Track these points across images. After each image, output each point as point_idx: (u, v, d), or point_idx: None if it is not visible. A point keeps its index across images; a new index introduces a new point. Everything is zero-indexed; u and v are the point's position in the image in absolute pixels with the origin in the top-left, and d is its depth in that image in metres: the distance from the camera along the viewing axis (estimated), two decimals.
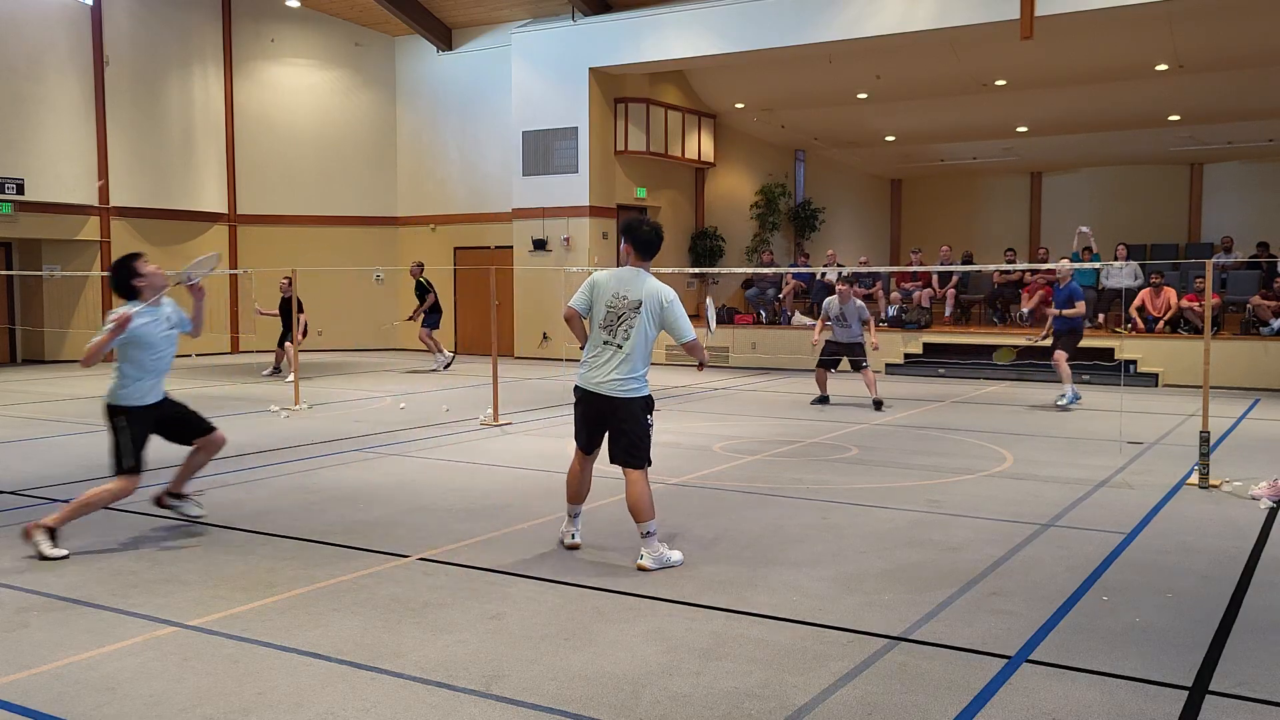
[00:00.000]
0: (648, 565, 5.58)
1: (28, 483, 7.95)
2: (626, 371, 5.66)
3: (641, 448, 5.69)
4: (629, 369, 5.66)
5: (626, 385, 5.66)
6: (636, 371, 5.70)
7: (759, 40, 17.21)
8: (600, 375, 5.69)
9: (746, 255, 22.46)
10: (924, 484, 7.98)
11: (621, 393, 5.65)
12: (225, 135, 21.01)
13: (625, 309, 5.68)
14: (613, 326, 5.69)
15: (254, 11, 21.17)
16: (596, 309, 5.76)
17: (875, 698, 3.92)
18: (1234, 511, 6.99)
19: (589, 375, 5.74)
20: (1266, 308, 15.11)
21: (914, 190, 29.32)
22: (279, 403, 12.61)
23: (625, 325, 5.67)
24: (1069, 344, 12.64)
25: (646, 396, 5.74)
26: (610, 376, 5.66)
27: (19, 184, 17.77)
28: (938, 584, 5.34)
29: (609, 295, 5.73)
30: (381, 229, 22.22)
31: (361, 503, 7.28)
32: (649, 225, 5.84)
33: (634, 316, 5.67)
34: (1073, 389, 12.58)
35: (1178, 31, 16.10)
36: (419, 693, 3.98)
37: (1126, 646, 4.45)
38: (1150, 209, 25.07)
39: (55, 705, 3.87)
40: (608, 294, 5.74)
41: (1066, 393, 12.54)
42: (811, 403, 12.87)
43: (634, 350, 5.67)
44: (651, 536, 5.64)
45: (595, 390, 5.70)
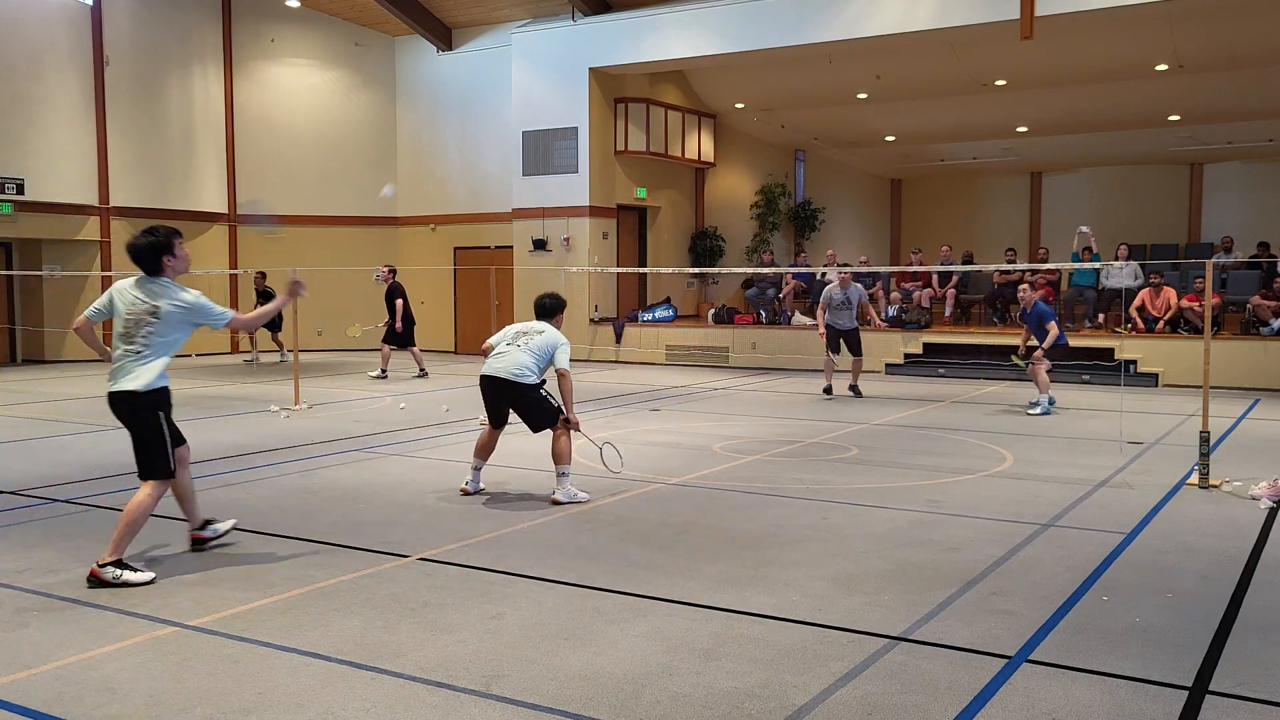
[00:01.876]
0: (560, 499, 7.24)
1: (28, 483, 7.95)
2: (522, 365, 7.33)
3: (546, 415, 7.38)
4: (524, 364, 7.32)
5: (522, 376, 7.30)
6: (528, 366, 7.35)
7: (759, 40, 17.22)
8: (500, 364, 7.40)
9: (746, 255, 22.47)
10: (924, 484, 7.98)
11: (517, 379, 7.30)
12: (225, 135, 21.02)
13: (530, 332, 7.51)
14: (515, 340, 7.49)
15: (254, 11, 21.17)
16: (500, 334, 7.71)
17: (875, 698, 3.92)
18: (1234, 511, 6.99)
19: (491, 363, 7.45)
20: (1266, 308, 15.11)
21: (914, 190, 29.33)
22: (279, 403, 12.61)
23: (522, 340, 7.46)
24: (1054, 354, 12.38)
25: (535, 384, 7.35)
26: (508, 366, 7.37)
27: (19, 184, 17.77)
28: (938, 584, 5.34)
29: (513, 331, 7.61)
30: (381, 229, 22.22)
31: (361, 503, 7.28)
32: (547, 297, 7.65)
33: (529, 338, 7.44)
34: (1048, 398, 12.18)
35: (1178, 31, 16.10)
36: (419, 693, 3.98)
37: (1126, 646, 4.45)
38: (1150, 209, 25.08)
39: (55, 705, 3.87)
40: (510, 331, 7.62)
41: (1041, 401, 12.10)
42: (823, 391, 13.50)
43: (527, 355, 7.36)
44: (565, 477, 7.30)
45: (494, 374, 7.38)
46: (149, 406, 5.57)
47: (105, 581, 5.29)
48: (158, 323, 5.57)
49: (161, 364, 5.60)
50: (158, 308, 5.57)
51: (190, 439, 9.73)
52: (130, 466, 8.55)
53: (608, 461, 8.31)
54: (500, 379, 7.28)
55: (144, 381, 5.51)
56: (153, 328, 5.56)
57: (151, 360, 5.56)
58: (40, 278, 18.70)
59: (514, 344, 7.37)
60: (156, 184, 19.88)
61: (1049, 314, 12.47)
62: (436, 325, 21.98)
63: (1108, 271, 16.84)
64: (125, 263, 18.88)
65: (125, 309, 5.61)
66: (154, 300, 5.58)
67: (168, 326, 5.59)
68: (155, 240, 5.63)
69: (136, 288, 5.65)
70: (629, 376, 16.32)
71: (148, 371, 5.53)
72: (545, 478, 8.13)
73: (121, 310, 5.62)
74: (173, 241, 5.70)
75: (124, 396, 5.54)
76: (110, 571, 5.32)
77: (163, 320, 5.58)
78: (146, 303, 5.58)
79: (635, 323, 19.41)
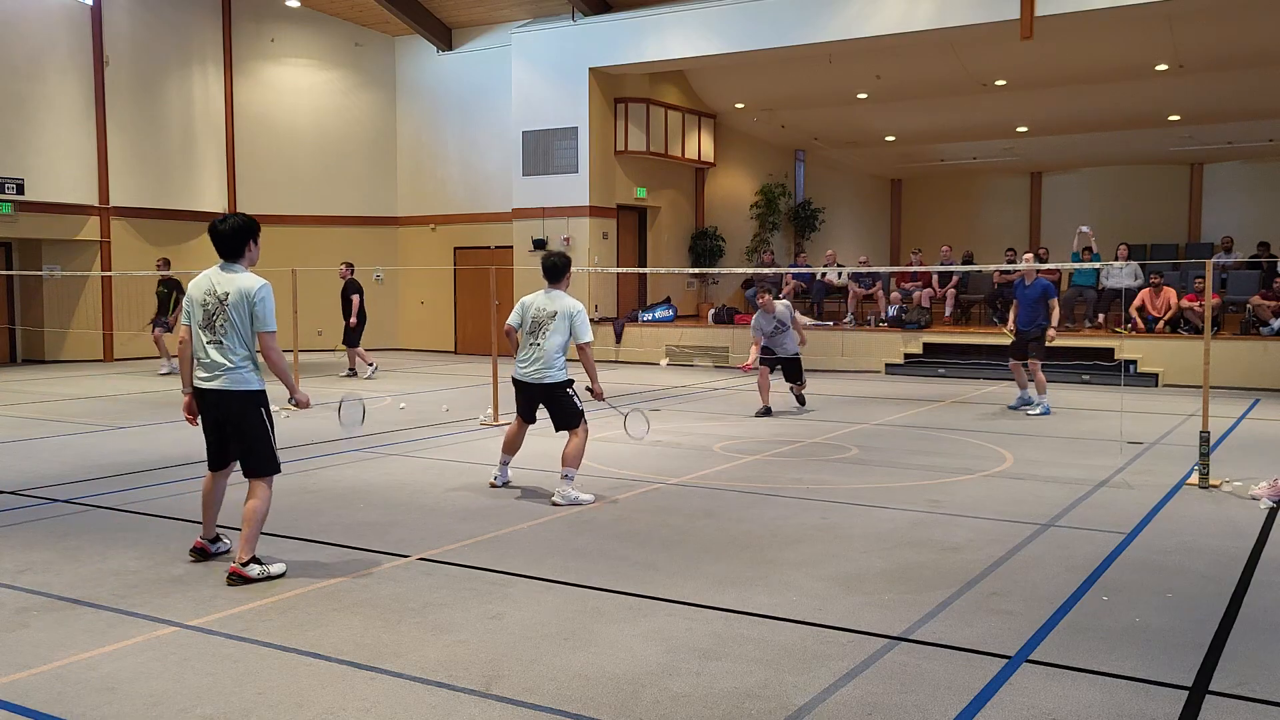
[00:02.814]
0: (558, 501, 7.17)
1: (28, 483, 7.95)
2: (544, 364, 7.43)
3: (571, 416, 7.43)
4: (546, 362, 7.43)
5: (550, 374, 7.42)
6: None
7: (759, 40, 17.21)
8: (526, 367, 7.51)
9: (746, 255, 22.47)
10: (924, 484, 7.98)
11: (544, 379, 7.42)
12: (225, 135, 21.01)
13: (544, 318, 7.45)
14: (535, 332, 7.45)
15: (254, 11, 21.17)
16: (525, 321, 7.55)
17: (875, 698, 3.92)
18: (1234, 511, 6.99)
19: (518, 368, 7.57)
20: (1266, 308, 15.11)
21: (914, 190, 29.34)
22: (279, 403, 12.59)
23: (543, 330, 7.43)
24: (1042, 349, 12.13)
25: (564, 380, 7.45)
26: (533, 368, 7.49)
27: (19, 184, 17.77)
28: (938, 584, 5.34)
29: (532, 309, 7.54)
30: (381, 229, 22.22)
31: (361, 503, 7.28)
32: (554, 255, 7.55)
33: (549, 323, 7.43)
34: (1045, 400, 12.09)
35: (1178, 31, 16.10)
36: (419, 693, 3.98)
37: (1126, 646, 4.45)
38: (1150, 209, 25.08)
39: (55, 705, 3.87)
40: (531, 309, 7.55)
41: (1042, 401, 12.02)
42: (759, 413, 11.69)
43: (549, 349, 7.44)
44: (569, 480, 7.24)
45: (524, 379, 7.51)
46: (263, 405, 5.66)
47: (251, 578, 5.33)
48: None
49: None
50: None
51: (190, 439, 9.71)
52: (130, 466, 8.58)
53: (631, 429, 8.33)
54: (528, 384, 7.46)
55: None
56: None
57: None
58: (40, 278, 18.70)
59: (535, 342, 7.40)
60: (156, 184, 19.88)
61: (1053, 290, 12.18)
62: (436, 325, 21.99)
63: (1108, 271, 16.84)
64: (125, 263, 18.94)
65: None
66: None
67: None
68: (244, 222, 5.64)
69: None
70: (629, 376, 16.32)
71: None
72: (545, 478, 8.13)
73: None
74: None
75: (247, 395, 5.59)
76: (254, 568, 5.38)
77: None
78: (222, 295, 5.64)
79: (635, 323, 19.41)
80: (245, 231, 5.57)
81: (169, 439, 10.07)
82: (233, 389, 5.49)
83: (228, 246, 5.57)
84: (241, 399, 5.52)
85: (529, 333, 7.43)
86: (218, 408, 5.56)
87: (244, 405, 5.54)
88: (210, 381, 5.50)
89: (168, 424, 11.07)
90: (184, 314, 5.63)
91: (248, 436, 5.56)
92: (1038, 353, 12.12)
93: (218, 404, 5.54)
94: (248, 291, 5.48)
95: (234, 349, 5.49)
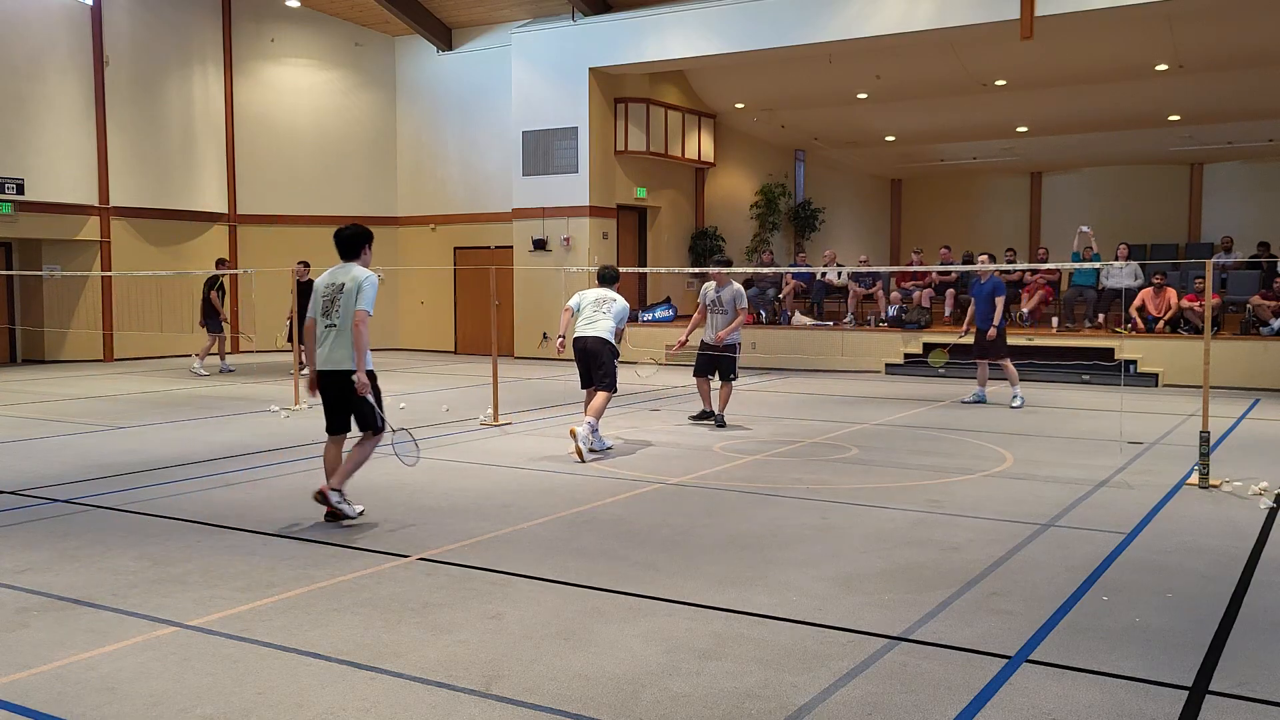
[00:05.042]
0: (580, 446, 8.74)
1: (28, 483, 7.95)
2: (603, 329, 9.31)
3: (610, 378, 9.26)
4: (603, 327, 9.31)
5: (608, 337, 9.31)
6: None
7: (759, 40, 17.21)
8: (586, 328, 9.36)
9: (746, 255, 22.46)
10: (924, 484, 7.98)
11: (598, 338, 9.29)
12: (225, 135, 21.01)
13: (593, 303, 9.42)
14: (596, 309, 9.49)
15: (254, 11, 21.17)
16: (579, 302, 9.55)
17: (875, 698, 3.92)
18: (1234, 511, 6.99)
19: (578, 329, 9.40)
20: (1266, 308, 15.11)
21: (914, 190, 29.34)
22: (279, 403, 12.61)
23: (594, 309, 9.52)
24: (1002, 346, 12.65)
25: (614, 348, 9.32)
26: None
27: (19, 184, 17.77)
28: (938, 584, 5.34)
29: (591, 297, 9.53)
30: (381, 229, 22.19)
31: (361, 503, 7.27)
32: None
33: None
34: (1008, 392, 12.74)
35: (1178, 31, 16.10)
36: (419, 693, 3.98)
37: (1126, 646, 4.45)
38: (1150, 209, 25.09)
39: (55, 705, 3.87)
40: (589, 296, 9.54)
41: (1019, 393, 12.69)
42: (691, 418, 11.30)
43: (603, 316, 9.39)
44: (595, 433, 9.01)
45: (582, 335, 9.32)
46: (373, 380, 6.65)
47: (330, 503, 6.47)
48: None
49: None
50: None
51: (190, 439, 9.74)
52: (130, 466, 8.58)
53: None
54: (593, 337, 9.19)
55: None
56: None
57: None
58: (40, 278, 18.70)
59: (598, 311, 9.29)
60: (156, 184, 19.88)
61: (1002, 287, 12.72)
62: (436, 325, 21.99)
63: (1108, 271, 16.84)
64: (125, 263, 18.93)
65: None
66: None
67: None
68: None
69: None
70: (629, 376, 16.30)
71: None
72: (546, 478, 8.15)
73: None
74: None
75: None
76: (335, 496, 6.50)
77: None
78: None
79: (635, 322, 19.41)
80: (361, 238, 6.79)
81: (169, 439, 10.07)
82: (348, 368, 6.53)
83: (347, 249, 6.75)
84: (353, 375, 6.53)
85: (593, 308, 9.36)
86: (335, 384, 6.63)
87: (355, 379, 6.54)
88: (328, 364, 6.61)
89: (168, 424, 11.07)
90: (310, 306, 6.75)
91: (359, 404, 6.61)
92: (996, 352, 12.61)
93: (335, 382, 6.62)
94: (358, 278, 6.60)
95: (347, 333, 6.54)
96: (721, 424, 10.89)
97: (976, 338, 12.79)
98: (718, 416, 10.96)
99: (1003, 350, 12.67)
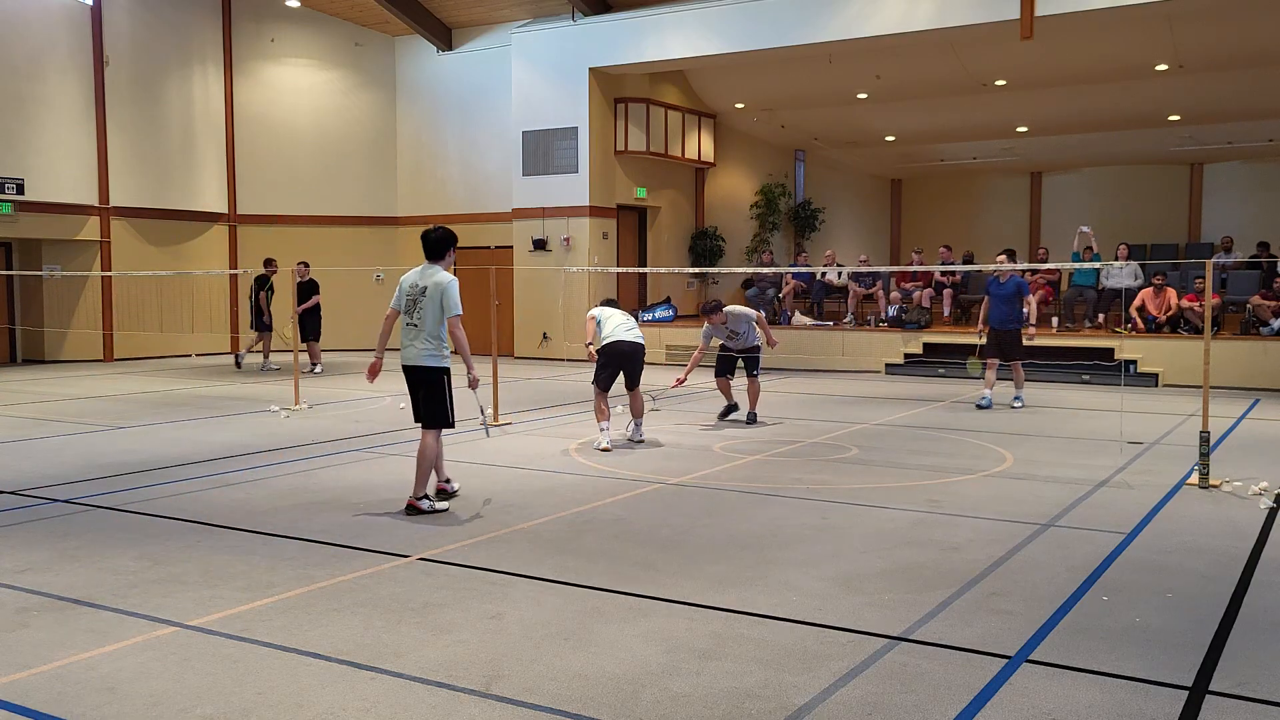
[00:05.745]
0: (633, 438, 9.81)
1: (28, 483, 7.95)
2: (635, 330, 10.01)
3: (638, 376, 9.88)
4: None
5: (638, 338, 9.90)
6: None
7: (759, 40, 17.21)
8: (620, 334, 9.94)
9: (746, 255, 22.46)
10: (924, 484, 7.98)
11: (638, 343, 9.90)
12: (225, 135, 21.01)
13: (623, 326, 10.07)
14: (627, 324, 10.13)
15: (254, 11, 21.17)
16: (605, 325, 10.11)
17: (875, 698, 3.92)
18: (1234, 511, 6.99)
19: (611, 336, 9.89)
20: (1266, 308, 15.11)
21: (914, 190, 29.34)
22: (279, 403, 12.61)
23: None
24: (1020, 348, 12.55)
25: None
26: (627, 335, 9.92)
27: (19, 184, 17.77)
28: (938, 584, 5.34)
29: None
30: (381, 229, 22.21)
31: (361, 503, 7.28)
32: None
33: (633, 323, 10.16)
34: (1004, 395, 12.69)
35: (1178, 31, 16.10)
36: (419, 693, 3.98)
37: (1126, 646, 4.45)
38: (1150, 209, 25.09)
39: (55, 705, 3.87)
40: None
41: (1021, 395, 12.72)
42: (720, 417, 11.50)
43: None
44: (640, 426, 9.91)
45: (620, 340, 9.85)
46: (446, 374, 7.10)
47: (422, 510, 6.84)
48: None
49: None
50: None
51: (190, 439, 9.75)
52: (130, 466, 8.59)
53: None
54: (632, 342, 9.78)
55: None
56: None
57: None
58: (40, 278, 18.70)
59: (631, 329, 9.94)
60: (156, 184, 19.87)
61: (1026, 287, 12.57)
62: None
63: (1108, 271, 16.84)
64: (125, 263, 18.94)
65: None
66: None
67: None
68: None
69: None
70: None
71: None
72: (546, 478, 8.16)
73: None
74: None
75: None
76: (425, 503, 6.86)
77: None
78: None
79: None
80: (447, 241, 7.18)
81: (169, 439, 10.07)
82: (425, 364, 6.98)
83: (433, 250, 7.13)
84: (430, 371, 6.99)
85: (627, 328, 9.95)
86: (415, 378, 7.04)
87: (431, 376, 6.99)
88: (409, 359, 7.03)
89: (168, 424, 11.07)
90: (394, 299, 7.21)
91: (431, 399, 7.02)
92: (1016, 353, 12.51)
93: (414, 375, 7.04)
94: (441, 284, 6.96)
95: (428, 332, 6.98)
96: (754, 420, 11.31)
97: (994, 338, 12.55)
98: (750, 413, 11.38)
99: (1022, 351, 12.59)
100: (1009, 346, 12.49)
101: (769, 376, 16.30)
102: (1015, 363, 12.60)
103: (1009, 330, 12.42)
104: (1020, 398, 12.69)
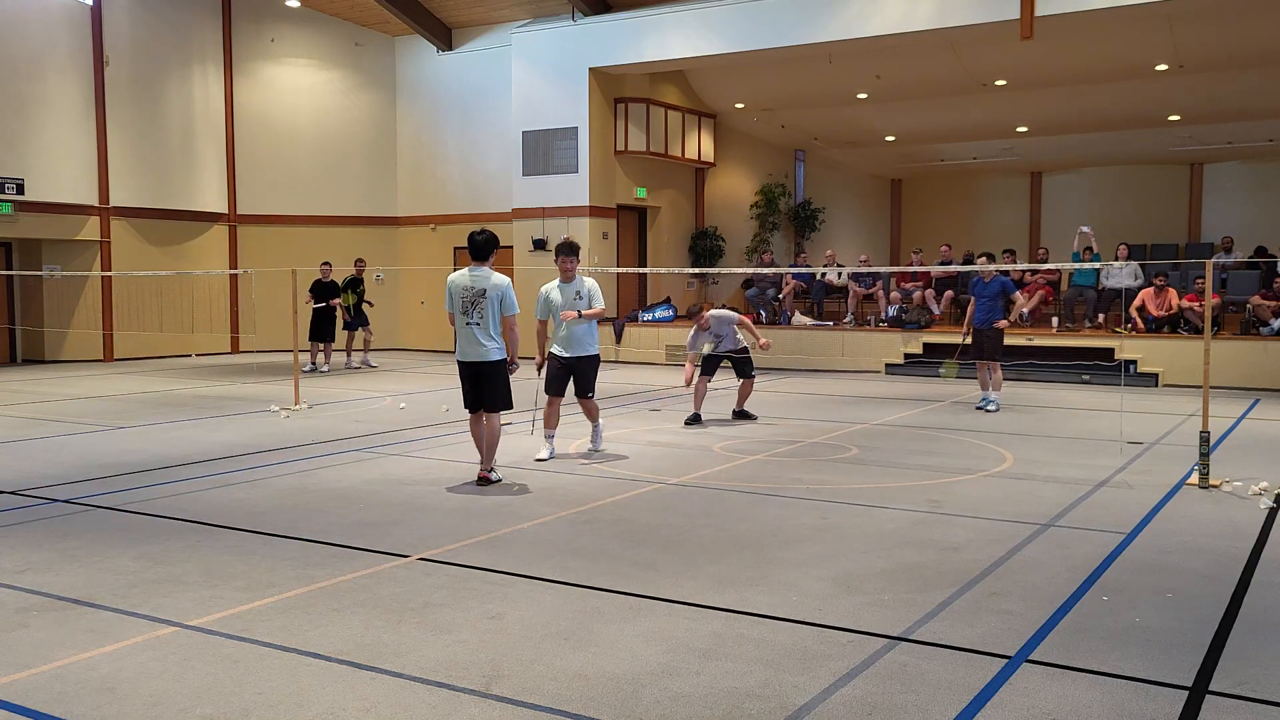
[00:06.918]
0: (598, 448, 9.34)
1: (28, 483, 7.95)
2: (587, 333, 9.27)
3: (591, 384, 9.26)
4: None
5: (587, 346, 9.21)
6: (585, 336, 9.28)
7: (759, 40, 17.21)
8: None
9: (746, 255, 22.46)
10: (924, 484, 7.98)
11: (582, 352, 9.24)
12: (225, 135, 21.01)
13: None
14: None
15: (254, 11, 21.17)
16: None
17: (875, 698, 3.92)
18: (1234, 511, 6.99)
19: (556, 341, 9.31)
20: (1266, 308, 15.11)
21: (914, 190, 29.34)
22: (279, 403, 12.61)
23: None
24: (999, 348, 12.44)
25: (595, 355, 9.22)
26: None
27: (19, 184, 17.77)
28: (938, 584, 5.34)
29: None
30: (381, 229, 22.22)
31: (361, 503, 7.28)
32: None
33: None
34: (995, 396, 12.44)
35: (1178, 31, 16.10)
36: (419, 693, 3.98)
37: (1126, 646, 4.45)
38: (1150, 209, 25.09)
39: (55, 705, 3.87)
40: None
41: (995, 398, 12.38)
42: (685, 423, 11.05)
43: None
44: (599, 434, 9.41)
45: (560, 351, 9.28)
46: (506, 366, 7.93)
47: (492, 481, 7.80)
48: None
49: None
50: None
51: (190, 439, 9.75)
52: (130, 466, 8.59)
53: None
54: (574, 357, 9.20)
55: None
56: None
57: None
58: (40, 278, 18.70)
59: (578, 336, 9.37)
60: (156, 184, 19.88)
61: (1012, 285, 12.54)
62: (436, 325, 21.97)
63: (1108, 271, 16.84)
64: (125, 263, 18.93)
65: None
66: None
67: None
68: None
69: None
70: (629, 376, 16.32)
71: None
72: (546, 477, 8.16)
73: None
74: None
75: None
76: (495, 474, 7.87)
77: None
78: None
79: (635, 323, 19.41)
80: (493, 243, 7.86)
81: (169, 439, 10.07)
82: (486, 359, 7.73)
83: (480, 252, 7.82)
84: (492, 365, 7.77)
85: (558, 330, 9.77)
86: (475, 370, 7.78)
87: (493, 368, 7.77)
88: (468, 355, 7.76)
89: (168, 424, 11.07)
90: (447, 301, 7.87)
91: (494, 389, 7.80)
92: (996, 353, 12.39)
93: (475, 369, 7.77)
94: (500, 286, 7.73)
95: (488, 330, 7.71)
96: (751, 417, 11.45)
97: (976, 337, 12.65)
98: (736, 409, 11.48)
99: (999, 352, 12.42)
100: (990, 346, 12.42)
101: (769, 377, 16.29)
102: (995, 363, 12.38)
103: (991, 329, 12.37)
104: (995, 400, 12.33)
